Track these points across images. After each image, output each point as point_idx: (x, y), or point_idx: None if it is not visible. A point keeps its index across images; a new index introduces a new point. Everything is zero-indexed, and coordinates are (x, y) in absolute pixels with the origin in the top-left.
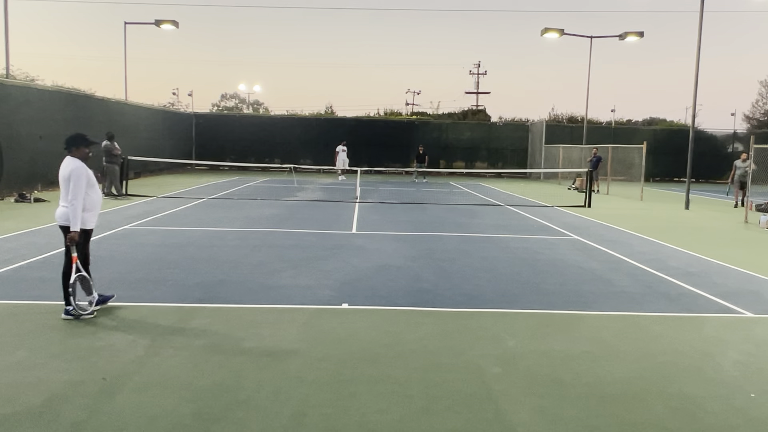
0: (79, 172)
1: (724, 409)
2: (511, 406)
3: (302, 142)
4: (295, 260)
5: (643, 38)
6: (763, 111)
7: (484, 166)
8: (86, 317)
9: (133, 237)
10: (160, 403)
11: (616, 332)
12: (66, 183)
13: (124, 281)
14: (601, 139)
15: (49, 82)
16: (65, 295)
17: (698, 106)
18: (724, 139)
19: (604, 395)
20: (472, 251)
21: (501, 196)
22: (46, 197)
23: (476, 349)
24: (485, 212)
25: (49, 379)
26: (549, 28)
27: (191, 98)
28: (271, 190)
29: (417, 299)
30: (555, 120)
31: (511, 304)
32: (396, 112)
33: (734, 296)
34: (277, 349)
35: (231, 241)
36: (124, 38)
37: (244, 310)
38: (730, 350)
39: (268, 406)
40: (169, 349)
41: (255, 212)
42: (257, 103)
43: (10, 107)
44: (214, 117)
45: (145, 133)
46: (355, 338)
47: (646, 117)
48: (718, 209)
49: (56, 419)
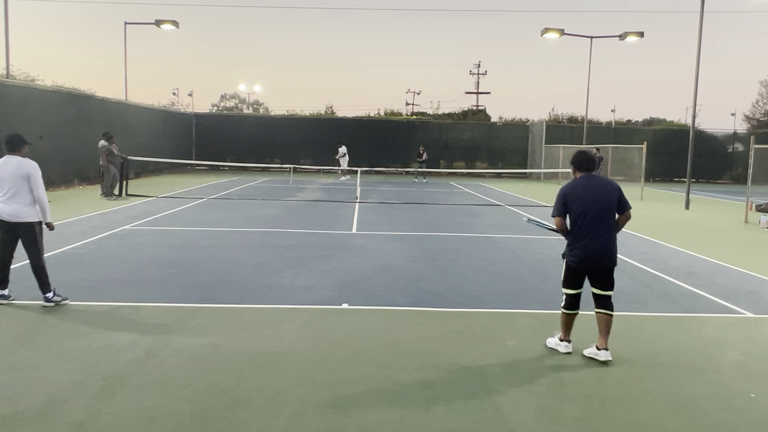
0: (37, 170)
1: (724, 409)
2: (511, 406)
3: (302, 142)
4: (295, 260)
5: (643, 38)
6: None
7: (484, 167)
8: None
9: (133, 237)
10: (160, 403)
11: (616, 332)
12: (18, 181)
13: (124, 281)
14: (602, 139)
15: (49, 82)
16: (45, 284)
17: (698, 106)
18: (724, 139)
19: (604, 395)
20: (472, 251)
21: (501, 197)
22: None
23: (476, 349)
24: (485, 212)
25: (49, 379)
26: (549, 28)
27: (191, 98)
28: (271, 191)
29: (417, 299)
30: (555, 120)
31: (511, 304)
32: (396, 113)
33: (734, 296)
34: (277, 349)
35: (231, 241)
36: (125, 38)
37: (244, 310)
38: (730, 350)
39: (268, 406)
40: (169, 349)
41: (255, 212)
42: (257, 104)
43: (10, 107)
44: (214, 117)
45: (145, 133)
46: (355, 338)
47: (646, 117)
48: (719, 209)
49: (56, 419)
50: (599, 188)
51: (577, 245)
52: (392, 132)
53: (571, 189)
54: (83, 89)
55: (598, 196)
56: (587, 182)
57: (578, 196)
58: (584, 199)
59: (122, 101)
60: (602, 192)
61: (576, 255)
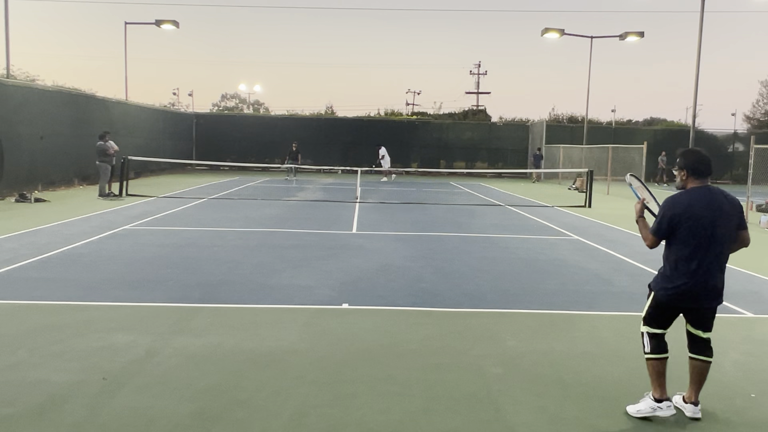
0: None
1: (724, 409)
2: (511, 406)
3: (303, 142)
4: (295, 260)
5: (644, 38)
6: (763, 111)
7: (485, 167)
8: None
9: (134, 237)
10: (160, 403)
11: (616, 332)
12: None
13: (123, 281)
14: (602, 139)
15: (49, 82)
16: None
17: (698, 106)
18: (724, 140)
19: (604, 395)
20: (472, 251)
21: (501, 196)
22: (47, 197)
23: (476, 349)
24: (485, 212)
25: (49, 379)
26: (549, 29)
27: (192, 98)
28: (271, 190)
29: (417, 299)
30: (555, 120)
31: (511, 304)
32: (397, 113)
33: (734, 296)
34: (277, 349)
35: (231, 241)
36: (125, 38)
37: (245, 310)
38: (730, 350)
39: (268, 406)
40: (169, 349)
41: (255, 212)
42: (257, 104)
43: (10, 107)
44: (214, 117)
45: (146, 133)
46: (355, 338)
47: (646, 117)
48: None
49: (56, 419)
50: (722, 206)
51: (679, 279)
52: (392, 132)
53: (684, 207)
54: (83, 89)
55: (720, 217)
56: (707, 197)
57: (693, 216)
58: (700, 221)
59: (123, 101)
60: (724, 212)
61: (676, 290)
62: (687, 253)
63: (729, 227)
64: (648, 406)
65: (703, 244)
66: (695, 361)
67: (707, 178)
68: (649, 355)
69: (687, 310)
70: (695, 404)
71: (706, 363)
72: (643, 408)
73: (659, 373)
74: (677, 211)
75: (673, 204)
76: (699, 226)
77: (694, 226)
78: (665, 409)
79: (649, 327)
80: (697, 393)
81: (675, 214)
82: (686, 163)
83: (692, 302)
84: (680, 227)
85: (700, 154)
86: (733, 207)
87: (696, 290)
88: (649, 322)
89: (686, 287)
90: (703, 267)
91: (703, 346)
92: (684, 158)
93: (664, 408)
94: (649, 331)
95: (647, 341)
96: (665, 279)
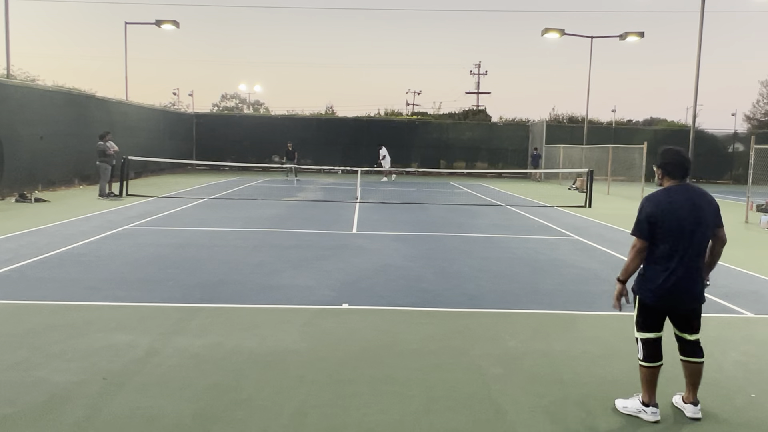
0: None
1: (724, 409)
2: (511, 406)
3: (303, 142)
4: (295, 260)
5: (644, 38)
6: (763, 111)
7: (485, 167)
8: None
9: (134, 237)
10: (160, 403)
11: (616, 332)
12: None
13: (124, 281)
14: (602, 139)
15: (49, 83)
16: None
17: (699, 106)
18: (724, 140)
19: (604, 395)
20: (472, 251)
21: (501, 197)
22: (47, 197)
23: (476, 349)
24: (486, 212)
25: (49, 379)
26: (549, 29)
27: (192, 98)
28: (271, 190)
29: (417, 299)
30: (555, 120)
31: (511, 304)
32: (397, 113)
33: (734, 296)
34: (277, 349)
35: (231, 241)
36: (125, 38)
37: (245, 310)
38: (730, 350)
39: (268, 406)
40: (169, 349)
41: (255, 212)
42: (258, 104)
43: (10, 107)
44: (214, 117)
45: (146, 133)
46: (355, 338)
47: (646, 117)
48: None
49: (56, 419)
50: (700, 204)
51: (659, 277)
52: (392, 132)
53: (660, 204)
54: (83, 89)
55: (697, 215)
56: (684, 195)
57: (670, 213)
58: (679, 219)
59: (123, 101)
60: (702, 210)
61: (657, 290)
62: (665, 250)
63: (706, 225)
64: (634, 407)
65: (681, 241)
66: (687, 363)
67: (685, 178)
68: (642, 363)
69: (670, 314)
70: (695, 404)
71: (698, 364)
72: (630, 406)
73: (650, 381)
74: (653, 209)
75: (649, 202)
76: (676, 223)
77: (671, 223)
78: (649, 414)
79: (642, 332)
80: (695, 393)
81: (651, 213)
82: (662, 162)
83: (674, 302)
84: (657, 225)
85: (678, 154)
86: (709, 204)
87: (676, 289)
88: (641, 327)
89: (667, 285)
90: (682, 264)
91: (692, 348)
92: (661, 157)
93: (648, 413)
94: (642, 336)
95: (641, 348)
96: (646, 280)
